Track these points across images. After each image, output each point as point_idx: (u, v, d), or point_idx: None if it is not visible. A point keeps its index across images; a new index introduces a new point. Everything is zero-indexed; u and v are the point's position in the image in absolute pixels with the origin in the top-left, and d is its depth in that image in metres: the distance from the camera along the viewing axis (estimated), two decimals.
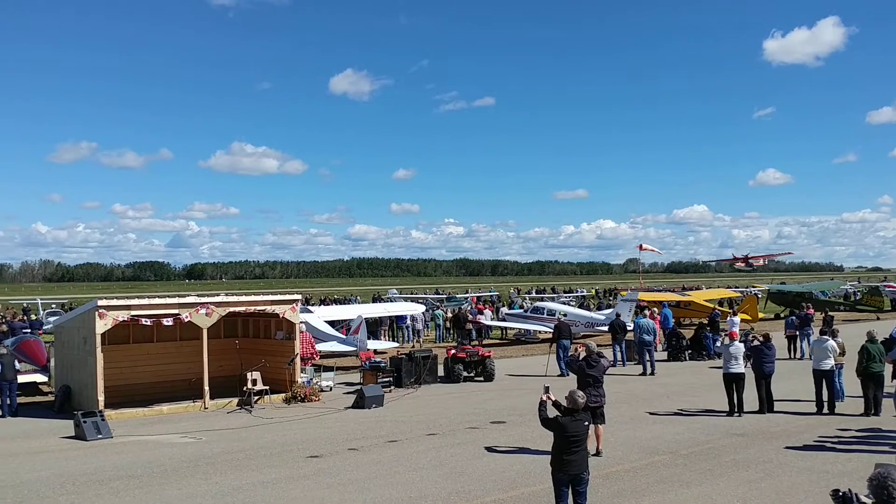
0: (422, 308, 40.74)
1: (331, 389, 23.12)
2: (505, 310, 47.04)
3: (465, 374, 24.73)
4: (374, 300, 62.42)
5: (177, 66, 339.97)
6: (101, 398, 19.08)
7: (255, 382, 21.09)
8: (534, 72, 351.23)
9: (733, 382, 18.12)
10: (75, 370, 20.87)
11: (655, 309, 34.93)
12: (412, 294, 73.37)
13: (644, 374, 25.69)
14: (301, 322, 23.17)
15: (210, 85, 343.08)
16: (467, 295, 70.37)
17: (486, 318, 40.86)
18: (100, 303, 19.61)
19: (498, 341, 39.27)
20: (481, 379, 24.78)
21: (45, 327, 38.97)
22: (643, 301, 38.73)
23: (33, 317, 47.91)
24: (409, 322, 39.29)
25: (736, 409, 18.00)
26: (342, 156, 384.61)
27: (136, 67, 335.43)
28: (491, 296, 74.76)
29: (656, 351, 27.72)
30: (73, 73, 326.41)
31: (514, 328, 40.08)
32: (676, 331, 31.31)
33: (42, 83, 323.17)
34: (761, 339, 19.19)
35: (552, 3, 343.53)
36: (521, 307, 48.05)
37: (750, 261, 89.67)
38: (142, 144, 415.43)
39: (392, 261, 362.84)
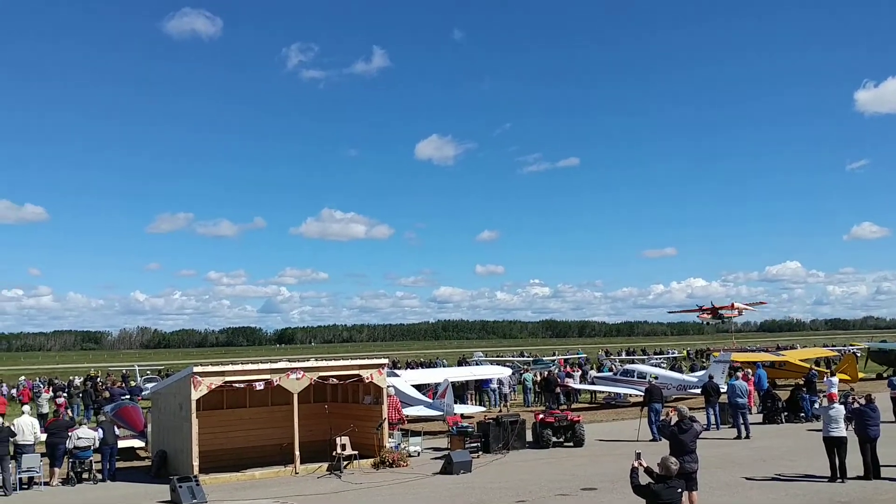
0: (508, 371, 40.48)
1: (418, 454, 23.08)
2: (593, 372, 46.31)
3: (553, 439, 24.36)
4: (460, 363, 62.35)
5: (270, 140, 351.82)
6: (195, 463, 19.49)
7: (344, 447, 21.24)
8: (617, 129, 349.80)
9: (835, 447, 17.38)
10: (171, 435, 21.39)
11: (749, 370, 33.94)
12: (498, 357, 73.01)
13: (739, 437, 24.89)
14: (388, 386, 23.32)
15: (301, 155, 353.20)
16: (554, 357, 69.66)
17: (575, 381, 40.32)
18: (195, 370, 20.17)
19: (587, 405, 38.63)
20: (571, 444, 24.36)
21: (143, 393, 40.22)
22: (737, 362, 37.68)
23: (132, 383, 49.39)
24: (495, 386, 39.03)
25: (838, 475, 17.24)
26: (427, 219, 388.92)
27: (232, 143, 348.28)
28: (579, 358, 73.84)
29: (751, 413, 26.85)
30: (172, 150, 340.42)
31: (603, 391, 39.43)
32: (772, 392, 30.31)
33: (140, 158, 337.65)
34: (863, 400, 18.44)
35: (634, 60, 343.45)
36: (611, 369, 47.28)
37: (720, 311, 74.83)
38: (236, 214, 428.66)
39: (477, 323, 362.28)
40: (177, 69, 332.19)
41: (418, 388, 31.41)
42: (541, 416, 25.12)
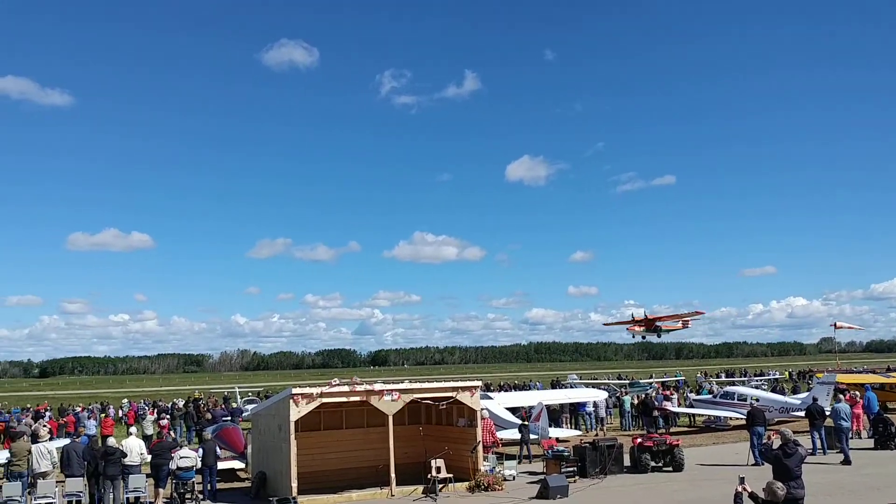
0: (604, 394, 39.87)
1: (514, 478, 22.87)
2: (692, 395, 45.19)
3: (652, 463, 23.81)
4: (553, 385, 61.67)
5: (364, 165, 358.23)
6: (294, 484, 19.76)
7: (439, 470, 21.23)
8: (715, 145, 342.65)
9: None
10: (271, 456, 21.77)
11: (857, 392, 32.51)
12: (593, 379, 71.98)
13: (846, 463, 23.86)
14: (482, 409, 23.24)
15: (394, 179, 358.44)
16: (651, 380, 68.30)
17: (673, 405, 39.41)
18: (294, 391, 20.52)
19: (686, 429, 37.69)
20: (670, 469, 23.77)
21: (243, 415, 41.10)
22: (842, 384, 36.18)
23: (233, 405, 50.57)
24: (591, 409, 38.48)
25: None
26: (519, 240, 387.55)
27: (328, 170, 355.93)
28: (676, 380, 72.16)
29: (859, 438, 25.69)
30: (271, 178, 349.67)
31: (703, 415, 38.43)
32: (883, 416, 28.92)
33: (241, 185, 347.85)
34: None
35: (728, 69, 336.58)
36: (710, 392, 46.02)
37: (657, 324, 61.59)
38: (332, 238, 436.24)
39: (570, 345, 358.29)
40: (275, 98, 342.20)
41: (512, 411, 31.22)
42: (639, 439, 24.62)
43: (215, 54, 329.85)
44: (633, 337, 63.64)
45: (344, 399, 21.25)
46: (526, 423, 27.85)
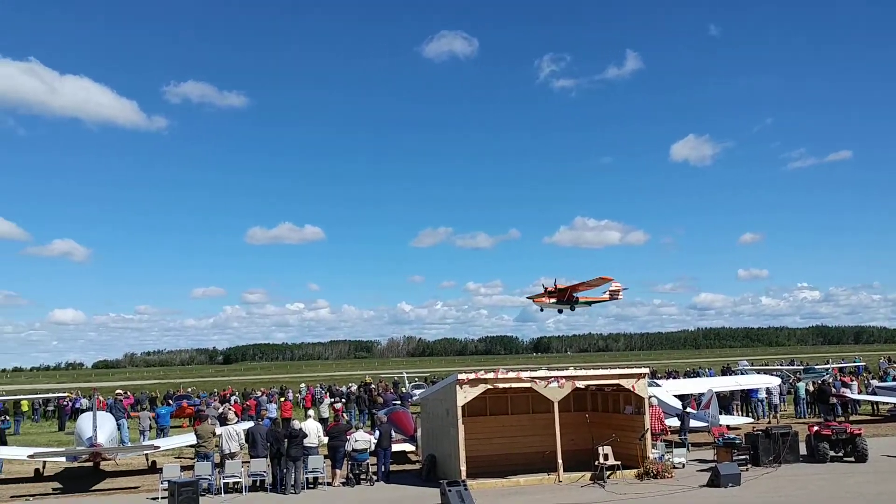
0: (777, 380, 38.31)
1: (683, 466, 22.47)
2: (875, 382, 42.66)
3: (831, 453, 22.77)
4: (724, 372, 59.78)
5: (524, 152, 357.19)
6: (463, 468, 20.25)
7: (606, 457, 21.16)
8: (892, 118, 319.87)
9: None
10: (439, 440, 22.37)
11: None
12: (765, 365, 69.23)
13: None
14: (650, 396, 22.94)
15: (554, 164, 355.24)
16: (828, 366, 64.93)
17: (852, 392, 37.41)
18: (459, 376, 20.99)
19: (868, 417, 35.71)
20: (851, 459, 22.64)
21: (411, 399, 42.23)
22: None
23: (402, 389, 52.09)
24: (763, 395, 37.11)
25: None
26: (685, 223, 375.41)
27: (488, 158, 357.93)
28: (855, 366, 68.31)
29: None
30: (433, 169, 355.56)
31: (887, 403, 36.27)
32: None
33: (405, 179, 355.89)
34: None
35: None
36: (895, 378, 43.32)
37: (574, 294, 51.82)
38: (492, 226, 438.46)
39: (740, 330, 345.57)
40: (435, 89, 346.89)
41: (681, 398, 30.59)
42: (816, 427, 23.59)
43: (378, 49, 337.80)
44: (542, 310, 54.36)
45: (509, 385, 21.54)
46: (687, 411, 27.23)
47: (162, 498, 19.42)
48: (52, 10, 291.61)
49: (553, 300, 52.17)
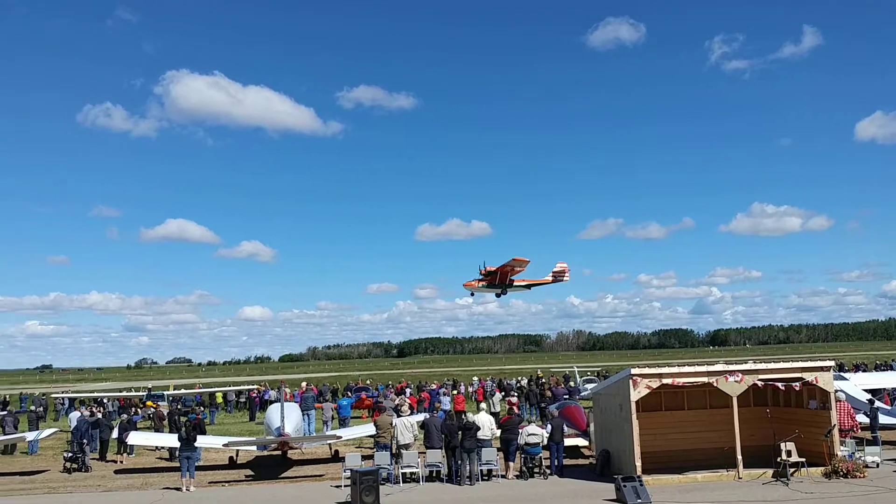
0: None
1: (877, 466, 21.20)
2: None
3: None
4: None
5: (696, 139, 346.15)
6: (638, 463, 19.98)
7: (789, 453, 20.29)
8: None
9: None
10: (613, 435, 22.16)
11: None
12: None
13: None
14: (837, 390, 21.78)
15: (728, 150, 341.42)
16: None
17: None
18: (633, 371, 20.72)
19: None
20: None
21: (582, 394, 41.96)
22: None
23: (572, 384, 51.84)
24: None
25: None
26: (873, 206, 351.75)
27: (658, 145, 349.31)
28: None
29: None
30: (602, 160, 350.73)
31: None
32: None
33: (574, 168, 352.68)
34: None
35: None
36: None
37: (510, 277, 49.06)
38: (664, 216, 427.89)
39: None
40: (602, 79, 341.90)
41: (873, 392, 28.84)
42: None
43: (540, 42, 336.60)
44: (473, 295, 53.23)
45: (685, 380, 21.04)
46: (879, 406, 25.58)
47: (345, 486, 20.31)
48: (233, 27, 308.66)
49: (483, 284, 50.88)
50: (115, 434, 29.48)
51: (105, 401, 48.44)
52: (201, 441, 24.84)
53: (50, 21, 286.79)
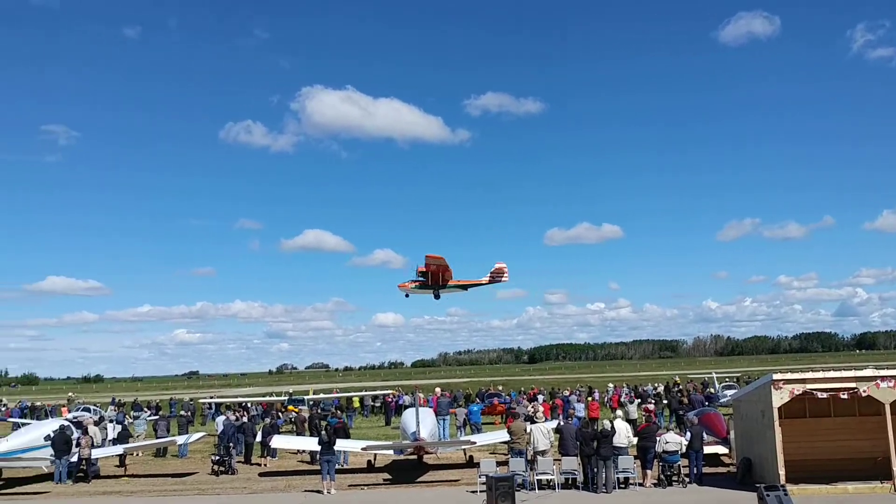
0: None
1: None
2: None
3: None
4: None
5: (834, 132, 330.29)
6: (782, 472, 19.29)
7: None
8: None
9: None
10: (755, 442, 21.46)
11: None
12: None
13: None
14: None
15: (873, 141, 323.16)
16: None
17: None
18: (775, 376, 20.02)
19: None
20: None
21: (721, 400, 40.85)
22: None
23: (711, 390, 50.50)
24: None
25: None
26: None
27: (794, 141, 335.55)
28: None
29: None
30: (738, 149, 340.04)
31: None
32: None
33: (711, 168, 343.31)
34: None
35: None
36: None
37: (444, 276, 47.56)
38: (803, 214, 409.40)
39: None
40: (733, 74, 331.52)
41: None
42: None
43: (669, 39, 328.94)
44: (407, 296, 50.62)
45: (831, 386, 20.13)
46: None
47: (480, 491, 20.45)
48: (362, 43, 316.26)
49: (417, 285, 49.45)
50: (258, 438, 30.67)
51: (249, 405, 50.48)
52: (340, 445, 25.56)
53: (196, 43, 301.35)
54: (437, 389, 43.43)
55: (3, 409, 60.73)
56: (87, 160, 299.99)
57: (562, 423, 25.02)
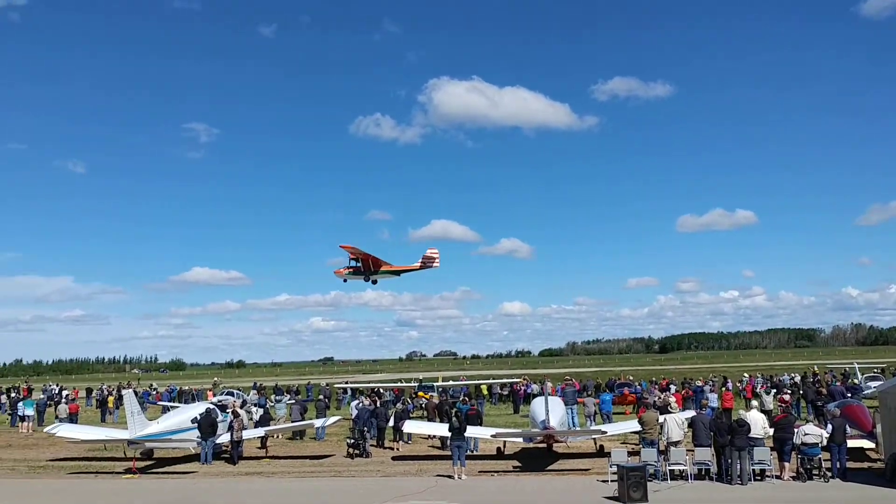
0: None
1: None
2: None
3: None
4: None
5: None
6: None
7: None
8: None
9: None
10: None
11: None
12: None
13: None
14: None
15: None
16: None
17: None
18: None
19: None
20: None
21: (864, 392, 39.07)
22: None
23: (853, 381, 48.41)
24: None
25: None
26: None
27: None
28: None
29: None
30: (877, 129, 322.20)
31: None
32: None
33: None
34: None
35: None
36: None
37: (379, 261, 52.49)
38: None
39: None
40: (875, 48, 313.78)
41: None
42: None
43: (805, 20, 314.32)
44: (346, 281, 54.73)
45: None
46: None
47: (612, 481, 20.34)
48: (488, 32, 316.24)
49: (349, 271, 53.39)
50: (391, 423, 31.44)
51: (382, 391, 51.74)
52: (471, 431, 25.94)
53: (327, 39, 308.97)
54: (566, 378, 43.39)
55: (153, 393, 64.31)
56: (225, 157, 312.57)
57: (695, 414, 24.58)
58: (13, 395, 57.94)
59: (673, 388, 47.71)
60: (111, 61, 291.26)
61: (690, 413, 26.69)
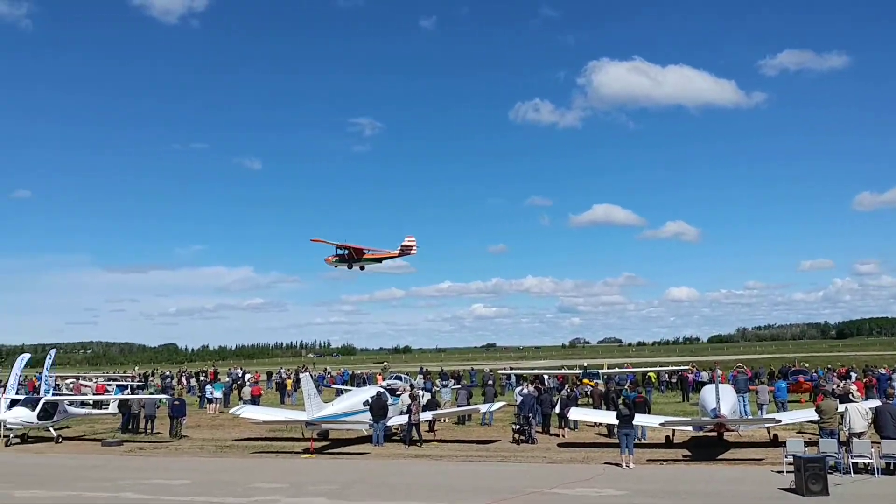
0: None
1: None
2: None
3: None
4: None
5: None
6: None
7: None
8: None
9: None
10: None
11: None
12: None
13: None
14: None
15: None
16: None
17: None
18: None
19: None
20: None
21: None
22: None
23: None
24: None
25: None
26: None
27: None
28: None
29: None
30: None
31: None
32: None
33: None
34: None
35: None
36: None
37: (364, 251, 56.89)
38: None
39: None
40: None
41: None
42: None
43: None
44: (336, 267, 58.23)
45: None
46: None
47: (787, 472, 19.60)
48: (651, 11, 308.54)
49: (336, 259, 56.72)
50: (556, 409, 31.45)
51: (546, 377, 51.79)
52: (639, 419, 25.60)
53: (487, 29, 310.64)
54: (737, 366, 42.01)
55: (328, 376, 67.18)
56: (390, 150, 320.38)
57: (881, 404, 23.21)
58: (202, 378, 62.06)
59: (854, 375, 45.30)
60: (281, 64, 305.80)
61: (875, 402, 25.22)
